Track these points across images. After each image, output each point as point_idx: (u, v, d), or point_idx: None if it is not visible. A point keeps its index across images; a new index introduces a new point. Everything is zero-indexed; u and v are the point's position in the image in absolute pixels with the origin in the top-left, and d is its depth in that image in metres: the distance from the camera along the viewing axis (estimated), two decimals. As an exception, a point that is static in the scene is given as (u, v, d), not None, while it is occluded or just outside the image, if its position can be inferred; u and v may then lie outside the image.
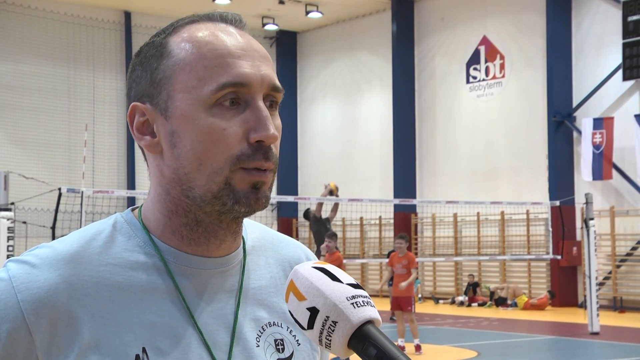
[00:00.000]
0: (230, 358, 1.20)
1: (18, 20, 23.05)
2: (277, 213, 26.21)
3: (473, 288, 21.19)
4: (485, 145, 21.84)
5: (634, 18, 18.75)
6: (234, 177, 1.17)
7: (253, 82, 1.17)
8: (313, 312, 1.05)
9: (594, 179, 19.27)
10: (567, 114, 20.09)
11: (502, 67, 21.70)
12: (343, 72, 25.55)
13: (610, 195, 19.53)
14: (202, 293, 1.22)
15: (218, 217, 1.20)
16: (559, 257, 17.63)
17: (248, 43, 1.21)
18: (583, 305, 18.36)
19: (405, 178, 23.16)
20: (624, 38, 18.91)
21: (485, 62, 22.04)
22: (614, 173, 19.12)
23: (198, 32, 1.20)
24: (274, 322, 1.26)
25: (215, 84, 1.16)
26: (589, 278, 14.52)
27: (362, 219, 24.15)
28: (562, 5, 20.10)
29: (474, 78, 22.30)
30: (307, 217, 15.30)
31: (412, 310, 12.05)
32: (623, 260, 19.43)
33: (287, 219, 26.08)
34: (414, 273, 12.18)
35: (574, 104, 20.15)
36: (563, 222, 16.53)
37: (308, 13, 24.23)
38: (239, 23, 1.24)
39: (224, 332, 1.21)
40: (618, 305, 19.19)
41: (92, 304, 1.15)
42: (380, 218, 23.78)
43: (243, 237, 1.29)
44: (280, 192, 24.75)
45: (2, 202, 10.77)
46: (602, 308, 17.49)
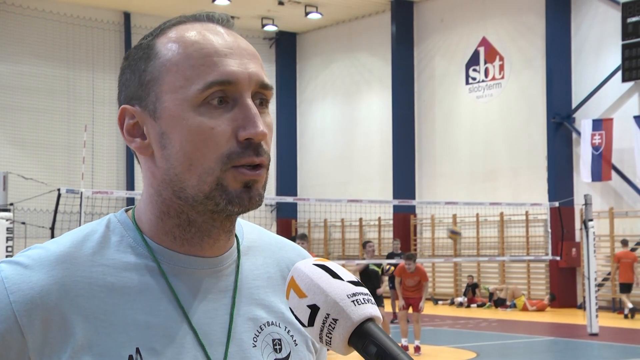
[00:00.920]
0: (226, 358, 1.20)
1: (17, 21, 23.05)
2: (276, 214, 26.21)
3: (472, 289, 21.19)
4: (485, 147, 21.84)
5: (634, 19, 18.76)
6: (226, 177, 1.16)
7: (240, 79, 1.17)
8: (314, 309, 1.05)
9: (593, 180, 19.27)
10: (566, 115, 20.09)
11: (501, 68, 21.71)
12: (342, 73, 25.56)
13: (610, 197, 19.53)
14: (196, 293, 1.21)
15: (211, 216, 1.19)
16: (558, 258, 17.62)
17: (235, 41, 1.20)
18: (582, 307, 18.37)
19: (405, 179, 23.17)
20: (623, 39, 18.92)
21: (485, 63, 22.05)
22: (613, 174, 19.13)
23: (185, 32, 1.20)
24: (272, 321, 1.25)
25: (202, 83, 1.16)
26: (588, 279, 14.52)
27: (361, 220, 24.15)
28: (561, 7, 20.11)
29: (474, 79, 22.30)
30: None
31: (421, 311, 12.20)
32: (622, 262, 19.42)
33: (286, 220, 26.07)
34: (426, 285, 12.49)
35: (573, 105, 20.16)
36: (562, 223, 16.52)
37: (307, 14, 24.23)
38: (227, 22, 1.23)
39: (220, 331, 1.21)
40: (617, 307, 19.18)
41: (84, 305, 1.15)
42: (380, 219, 23.78)
43: (237, 236, 1.28)
44: (280, 192, 24.75)
45: (1, 202, 10.76)
46: (601, 309, 17.48)
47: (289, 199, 16.60)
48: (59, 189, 12.14)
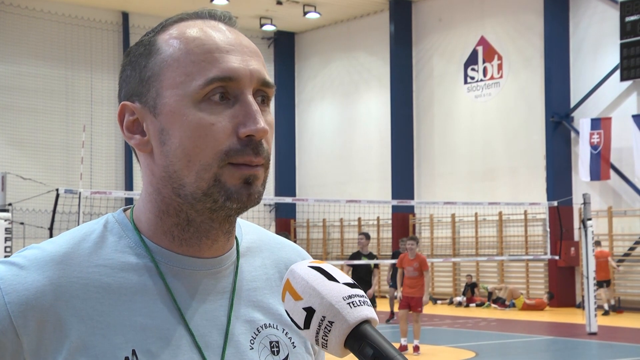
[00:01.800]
0: (223, 360, 1.19)
1: (16, 21, 23.03)
2: (275, 214, 26.21)
3: (471, 288, 21.19)
4: (483, 146, 21.84)
5: (632, 18, 18.77)
6: (223, 173, 1.15)
7: (242, 76, 1.16)
8: (309, 312, 1.04)
9: (592, 180, 19.28)
10: (564, 115, 20.10)
11: (499, 67, 21.71)
12: (341, 72, 25.55)
13: (608, 196, 19.54)
14: (194, 294, 1.20)
15: (210, 215, 1.18)
16: (557, 257, 17.63)
17: (237, 39, 1.20)
18: (581, 306, 18.38)
19: (403, 179, 23.16)
20: (622, 38, 18.92)
21: (483, 62, 22.05)
22: (612, 173, 19.14)
23: (186, 29, 1.20)
24: (270, 323, 1.25)
25: (203, 79, 1.15)
26: (587, 278, 14.52)
27: (360, 220, 24.15)
28: (559, 6, 20.11)
29: (472, 78, 22.30)
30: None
31: (420, 311, 12.14)
32: (621, 261, 19.44)
33: (285, 220, 26.07)
34: (427, 275, 12.29)
35: (572, 105, 20.16)
36: (561, 222, 16.53)
37: (306, 14, 24.22)
38: (229, 20, 1.23)
39: (217, 334, 1.20)
40: (616, 306, 19.19)
41: (80, 306, 1.14)
42: (379, 219, 23.77)
43: (237, 238, 1.27)
44: (278, 193, 24.75)
45: (-1, 203, 10.76)
46: (600, 308, 17.50)
47: (288, 199, 16.60)
48: (58, 189, 12.14)
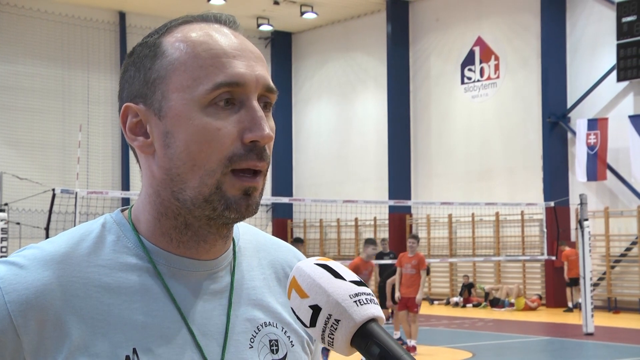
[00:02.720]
0: (223, 359, 1.19)
1: (12, 21, 22.99)
2: (271, 214, 26.20)
3: (468, 289, 21.20)
4: (480, 146, 21.86)
5: (628, 19, 18.79)
6: (225, 181, 1.16)
7: (248, 82, 1.17)
8: (315, 310, 1.04)
9: (589, 180, 19.30)
10: (561, 115, 20.12)
11: (496, 67, 21.73)
12: (338, 72, 25.56)
13: (605, 196, 19.56)
14: (193, 294, 1.20)
15: (207, 222, 1.19)
16: (554, 258, 17.65)
17: (242, 44, 1.21)
18: (577, 306, 18.39)
19: (400, 179, 23.17)
20: (618, 39, 18.94)
21: (480, 62, 22.07)
22: (608, 174, 19.16)
23: (192, 32, 1.20)
24: (269, 322, 1.25)
25: (211, 84, 1.15)
26: (584, 279, 14.53)
27: (357, 220, 24.16)
28: (556, 6, 20.13)
29: (469, 79, 22.32)
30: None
31: (417, 312, 12.13)
32: (617, 261, 19.47)
33: (281, 220, 26.07)
34: (424, 274, 12.26)
35: (569, 105, 20.18)
36: (558, 223, 16.54)
37: (303, 14, 24.23)
38: (233, 24, 1.23)
39: (217, 332, 1.20)
40: (612, 306, 19.22)
41: (80, 305, 1.14)
42: (375, 219, 23.78)
43: (233, 238, 1.28)
44: (275, 193, 24.74)
45: (-4, 202, 10.74)
46: (596, 309, 17.51)
47: (285, 199, 16.60)
48: (54, 189, 12.12)
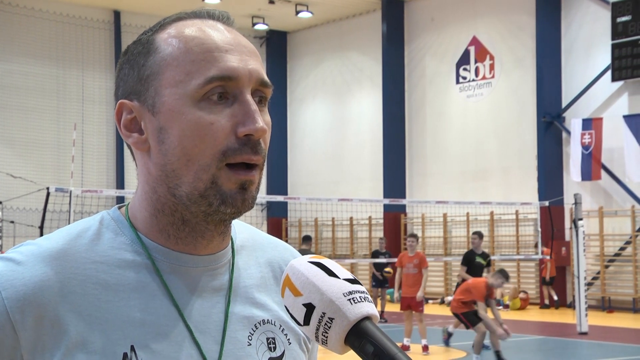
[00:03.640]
0: (221, 356, 1.19)
1: (7, 19, 22.94)
2: (266, 213, 26.19)
3: (462, 288, 21.20)
4: (475, 146, 21.87)
5: (623, 19, 18.82)
6: (220, 175, 1.15)
7: (241, 75, 1.17)
8: (309, 308, 1.03)
9: (583, 180, 19.33)
10: (556, 115, 20.14)
11: (491, 67, 21.75)
12: (333, 72, 25.56)
13: (599, 196, 19.59)
14: (191, 291, 1.20)
15: (204, 218, 1.19)
16: (548, 257, 17.67)
17: (236, 38, 1.21)
18: (572, 305, 18.43)
19: (395, 178, 23.18)
20: (613, 39, 18.97)
21: (475, 62, 22.08)
22: (603, 174, 19.19)
23: (185, 28, 1.20)
24: (268, 319, 1.25)
25: (203, 78, 1.15)
26: (578, 278, 14.56)
27: (351, 219, 24.16)
28: (551, 6, 20.16)
29: (464, 78, 22.33)
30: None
31: (422, 311, 12.11)
32: (611, 261, 19.50)
33: (276, 219, 26.06)
34: (426, 273, 12.22)
35: (563, 105, 20.21)
36: (552, 222, 16.57)
37: (298, 13, 24.21)
38: (227, 20, 1.24)
39: (215, 330, 1.20)
40: (606, 305, 19.26)
41: (78, 302, 1.14)
42: (370, 218, 23.78)
43: (231, 236, 1.28)
44: (270, 192, 24.73)
45: (-10, 201, 10.72)
46: (590, 308, 17.54)
47: (280, 198, 16.60)
48: (48, 188, 12.10)
